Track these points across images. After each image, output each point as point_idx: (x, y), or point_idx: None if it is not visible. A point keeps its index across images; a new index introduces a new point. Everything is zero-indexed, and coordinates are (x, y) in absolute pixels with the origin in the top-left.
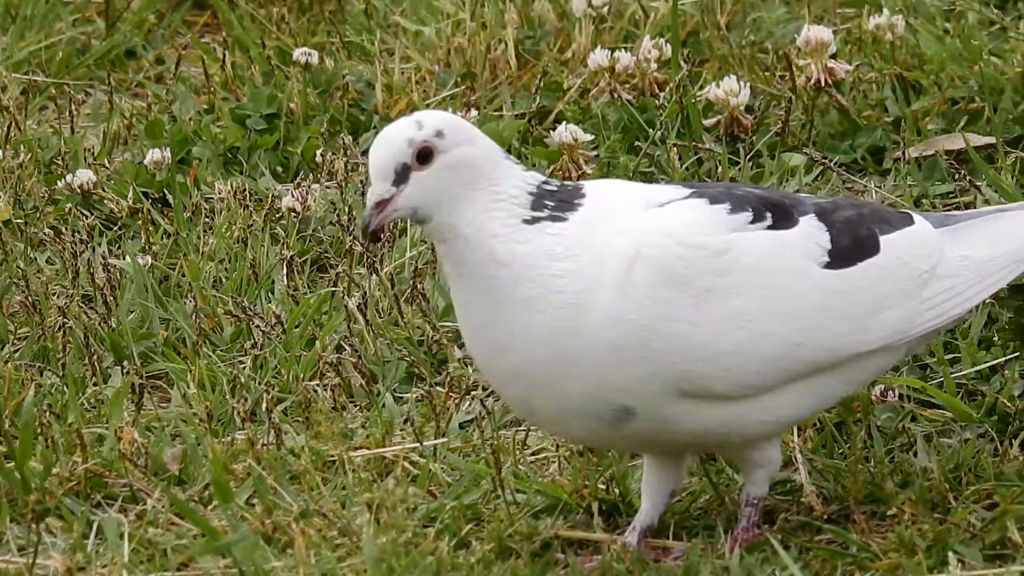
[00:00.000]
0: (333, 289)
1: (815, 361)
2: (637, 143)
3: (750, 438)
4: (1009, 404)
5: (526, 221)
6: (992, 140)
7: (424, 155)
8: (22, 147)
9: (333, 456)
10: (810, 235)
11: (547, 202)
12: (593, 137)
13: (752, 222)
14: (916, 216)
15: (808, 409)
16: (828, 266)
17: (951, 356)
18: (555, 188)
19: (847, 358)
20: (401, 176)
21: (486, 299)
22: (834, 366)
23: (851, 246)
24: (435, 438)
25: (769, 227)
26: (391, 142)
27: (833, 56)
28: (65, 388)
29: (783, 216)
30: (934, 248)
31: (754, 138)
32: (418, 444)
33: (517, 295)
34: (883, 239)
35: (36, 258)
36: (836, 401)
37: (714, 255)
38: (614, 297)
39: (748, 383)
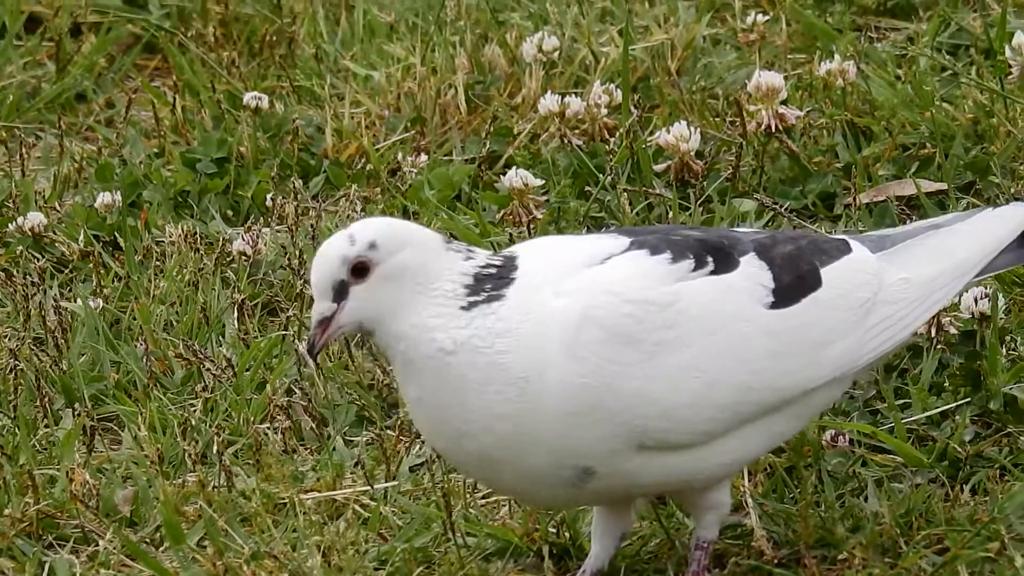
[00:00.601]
0: (284, 333)
1: (768, 402)
2: (587, 188)
3: (711, 480)
4: (960, 449)
5: (463, 308)
6: (943, 186)
7: (360, 270)
8: None
9: (284, 498)
10: (752, 276)
11: (486, 285)
12: (543, 182)
13: (694, 269)
14: (853, 242)
15: (764, 447)
16: (773, 306)
17: (902, 402)
18: (494, 269)
19: (799, 395)
20: (340, 293)
21: (439, 391)
22: (787, 403)
23: (793, 282)
24: (386, 481)
25: (711, 272)
26: (326, 261)
27: (784, 102)
28: (16, 430)
29: (723, 259)
30: (874, 275)
31: (705, 183)
32: (369, 487)
33: (469, 379)
34: (823, 271)
35: None
36: (790, 436)
37: (661, 308)
38: (564, 362)
39: (704, 430)
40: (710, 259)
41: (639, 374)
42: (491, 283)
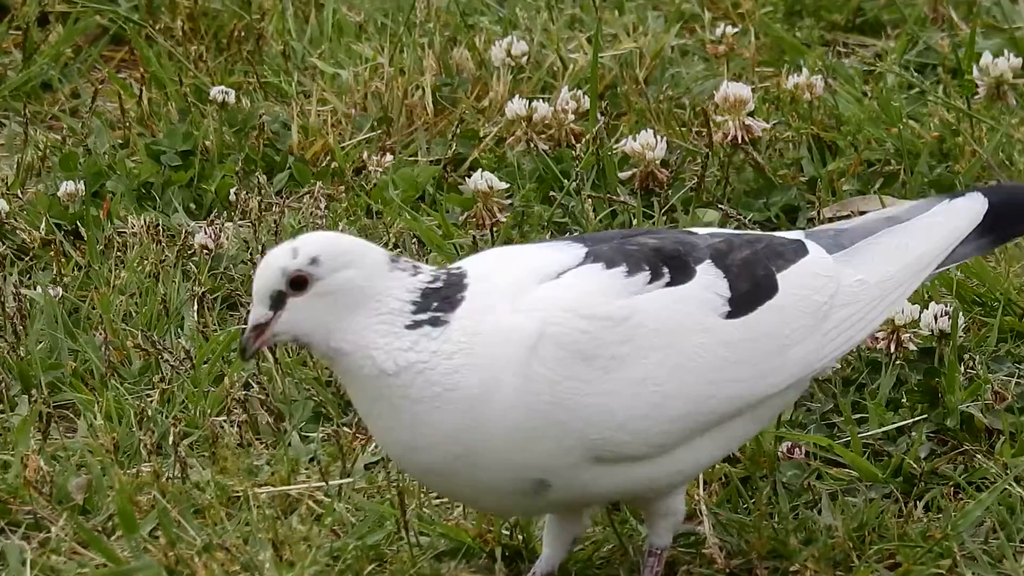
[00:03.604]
0: (243, 327)
1: (725, 411)
2: (552, 193)
3: (666, 488)
4: (915, 465)
5: (408, 327)
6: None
7: (298, 283)
8: None
9: (238, 492)
10: (708, 286)
11: (432, 303)
12: (508, 186)
13: (650, 281)
14: (809, 244)
15: (720, 453)
16: (729, 315)
17: (859, 416)
18: (440, 285)
19: (757, 402)
20: (277, 302)
21: (384, 407)
22: (743, 410)
23: (750, 290)
24: (340, 478)
25: (667, 284)
26: (267, 269)
27: (751, 114)
28: None
29: (680, 269)
30: (830, 277)
31: (669, 192)
32: (323, 483)
33: (413, 399)
34: (780, 276)
35: None
36: (746, 441)
37: (616, 324)
38: (519, 379)
39: (660, 443)
40: (666, 269)
41: (594, 390)
42: (438, 300)
